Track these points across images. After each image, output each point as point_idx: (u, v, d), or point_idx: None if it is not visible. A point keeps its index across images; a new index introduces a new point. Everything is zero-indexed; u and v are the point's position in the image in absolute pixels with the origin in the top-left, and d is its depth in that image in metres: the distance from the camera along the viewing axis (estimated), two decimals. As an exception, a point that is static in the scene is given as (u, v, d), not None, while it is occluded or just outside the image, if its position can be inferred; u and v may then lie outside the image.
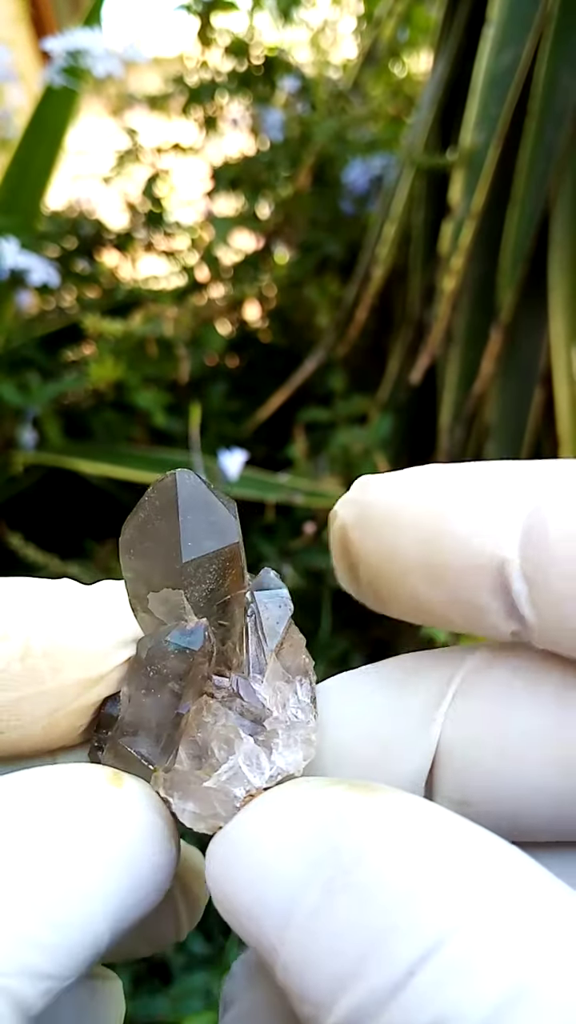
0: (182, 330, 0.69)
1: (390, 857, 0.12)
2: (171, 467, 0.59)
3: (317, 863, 0.12)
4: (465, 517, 0.14)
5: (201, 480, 0.15)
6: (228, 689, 0.15)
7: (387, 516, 0.15)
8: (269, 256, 0.85)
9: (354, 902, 0.11)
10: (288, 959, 0.12)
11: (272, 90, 0.82)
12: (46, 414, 0.68)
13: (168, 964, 0.59)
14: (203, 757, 0.15)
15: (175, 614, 0.15)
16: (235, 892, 0.13)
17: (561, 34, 0.58)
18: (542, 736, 0.15)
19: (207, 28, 0.78)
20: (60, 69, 0.67)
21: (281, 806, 0.13)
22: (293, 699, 0.16)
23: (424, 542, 0.15)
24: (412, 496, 0.15)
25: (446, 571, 0.15)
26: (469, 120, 0.61)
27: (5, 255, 0.64)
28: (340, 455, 0.68)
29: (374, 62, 0.89)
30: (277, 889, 0.12)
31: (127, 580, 0.16)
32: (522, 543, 0.14)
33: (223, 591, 0.15)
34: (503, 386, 0.65)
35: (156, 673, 0.15)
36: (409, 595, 0.15)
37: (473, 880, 0.11)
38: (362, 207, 0.83)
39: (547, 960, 0.10)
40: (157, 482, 0.15)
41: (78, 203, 0.84)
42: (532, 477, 0.15)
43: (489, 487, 0.15)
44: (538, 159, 0.60)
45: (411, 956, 0.11)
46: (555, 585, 0.14)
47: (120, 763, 0.15)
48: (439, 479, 0.15)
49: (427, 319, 0.70)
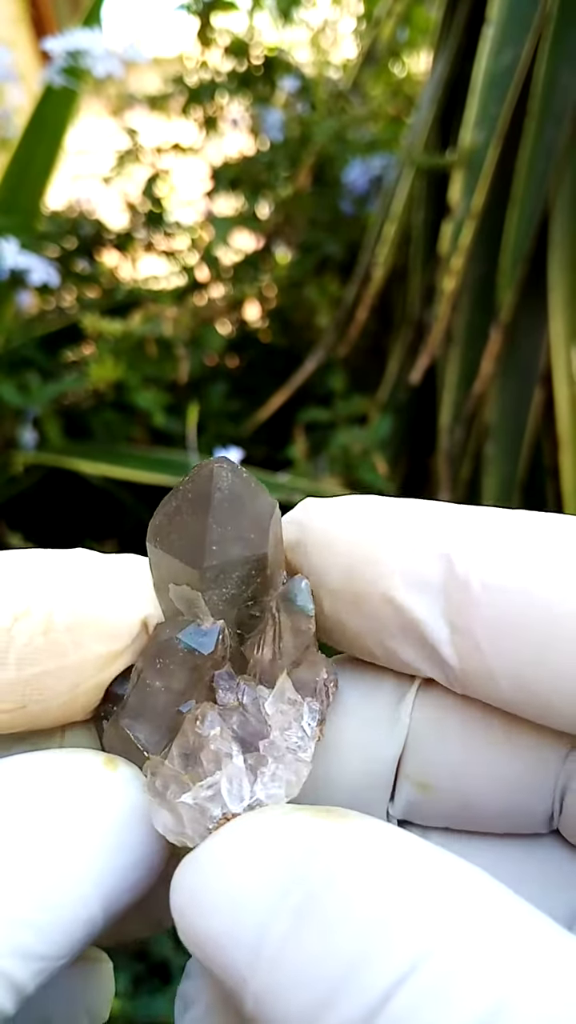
0: (182, 330, 0.69)
1: (359, 883, 0.12)
2: (171, 467, 0.59)
3: (285, 891, 0.12)
4: (391, 554, 0.15)
5: (241, 475, 0.15)
6: (234, 698, 0.15)
7: (322, 539, 0.16)
8: (269, 256, 0.85)
9: (324, 930, 0.11)
10: (258, 990, 0.12)
11: (272, 90, 0.82)
12: (46, 414, 0.68)
13: (168, 964, 0.59)
14: (192, 762, 0.15)
15: (192, 612, 0.15)
16: (202, 921, 0.13)
17: (560, 34, 0.58)
18: (502, 725, 0.15)
19: (207, 28, 0.78)
20: (60, 69, 0.67)
21: (248, 834, 0.13)
22: (296, 725, 0.15)
23: (350, 571, 0.15)
24: (346, 523, 0.15)
25: (368, 600, 0.15)
26: (469, 120, 0.61)
27: (5, 255, 0.64)
28: (340, 455, 0.68)
29: (374, 62, 0.89)
30: (246, 918, 0.12)
31: (152, 565, 0.15)
32: (447, 587, 0.14)
33: (245, 597, 0.15)
34: (503, 386, 0.65)
35: (164, 665, 0.14)
36: (336, 619, 0.16)
37: (444, 904, 0.11)
38: (362, 207, 0.83)
39: (522, 980, 0.10)
40: (196, 469, 0.15)
41: (78, 203, 0.84)
42: (458, 522, 0.15)
43: (418, 527, 0.15)
44: (538, 159, 0.60)
45: (385, 982, 0.11)
46: (480, 634, 0.14)
47: (119, 742, 0.15)
48: (375, 510, 0.15)
49: (427, 319, 0.70)
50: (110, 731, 0.15)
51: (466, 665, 0.14)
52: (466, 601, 0.14)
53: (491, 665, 0.14)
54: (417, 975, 0.10)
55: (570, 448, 0.61)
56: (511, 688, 0.14)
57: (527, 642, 0.14)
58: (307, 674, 0.15)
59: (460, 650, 0.14)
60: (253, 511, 0.15)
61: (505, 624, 0.14)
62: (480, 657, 0.14)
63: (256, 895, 0.12)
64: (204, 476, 0.15)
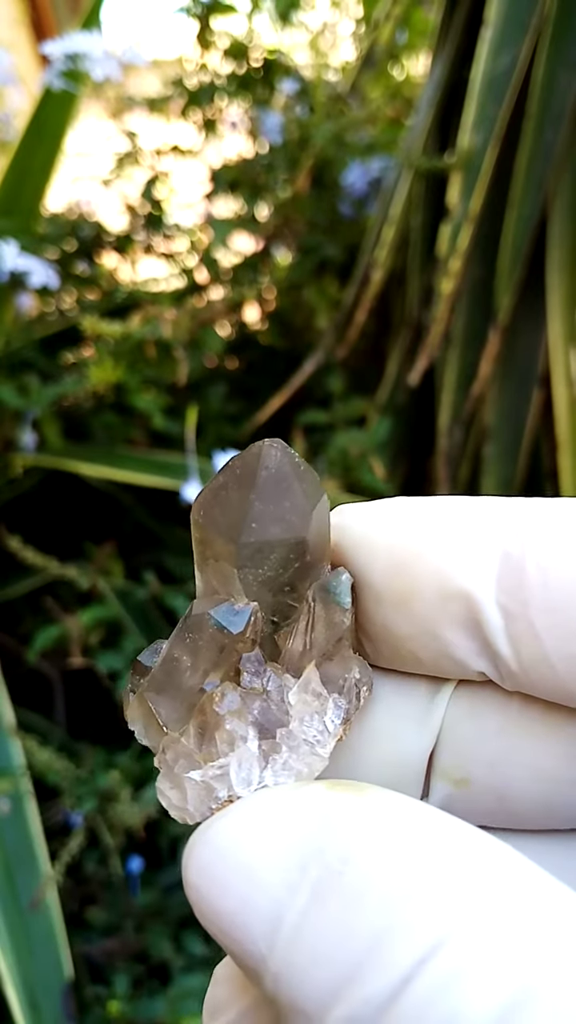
0: (181, 332, 0.69)
1: (380, 857, 0.11)
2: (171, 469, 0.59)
3: (303, 865, 0.12)
4: (438, 546, 0.14)
5: (293, 459, 0.15)
6: (259, 683, 0.15)
7: (361, 541, 0.15)
8: (268, 258, 0.85)
9: (345, 905, 0.11)
10: (277, 967, 0.11)
11: (271, 93, 0.82)
12: (46, 416, 0.68)
13: (168, 965, 0.59)
14: (207, 741, 0.14)
15: (227, 590, 0.15)
16: (218, 897, 0.12)
17: (558, 36, 0.58)
18: (542, 719, 0.15)
19: (206, 31, 0.78)
20: (59, 73, 0.67)
21: (262, 808, 0.13)
22: (318, 719, 0.15)
23: (396, 569, 0.15)
24: (387, 523, 0.15)
25: (416, 600, 0.15)
26: (467, 122, 0.62)
27: (5, 257, 0.64)
28: (339, 458, 0.68)
29: (372, 65, 0.89)
30: (263, 893, 0.12)
31: (193, 539, 0.15)
32: (500, 573, 0.14)
33: (282, 581, 0.15)
34: (502, 388, 0.66)
35: (193, 641, 0.14)
36: (380, 625, 0.15)
37: (469, 879, 0.11)
38: (361, 209, 0.83)
39: (552, 961, 0.10)
40: (246, 449, 0.15)
41: (78, 205, 0.84)
42: (507, 511, 0.15)
43: (464, 518, 0.15)
44: (536, 161, 0.60)
45: (409, 960, 0.10)
46: (536, 617, 0.14)
47: (143, 715, 0.15)
48: (414, 509, 0.15)
49: (425, 321, 0.70)
50: (135, 703, 0.15)
51: (521, 652, 0.14)
52: (521, 585, 0.14)
53: (547, 649, 0.14)
54: (441, 954, 0.10)
55: (569, 449, 0.62)
56: (570, 671, 0.14)
57: None
58: (337, 669, 0.15)
59: (515, 637, 0.14)
60: (298, 495, 0.14)
61: (562, 606, 0.13)
62: (536, 642, 0.14)
63: (272, 869, 0.12)
64: (253, 454, 0.14)
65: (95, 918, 0.62)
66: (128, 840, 0.60)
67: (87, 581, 0.62)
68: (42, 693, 0.71)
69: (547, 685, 0.14)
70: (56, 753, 0.56)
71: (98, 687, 0.63)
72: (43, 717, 0.68)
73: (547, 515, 0.14)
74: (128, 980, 0.57)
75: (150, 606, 0.64)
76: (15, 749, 0.56)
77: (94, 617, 0.61)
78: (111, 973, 0.58)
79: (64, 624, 0.61)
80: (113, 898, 0.63)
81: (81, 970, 0.58)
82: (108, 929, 0.62)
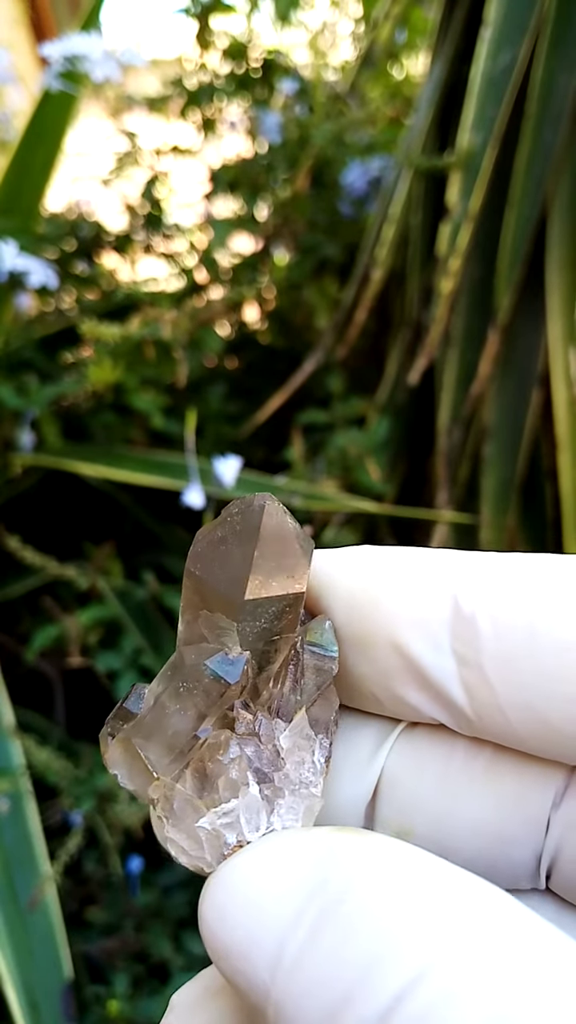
0: (181, 332, 0.69)
1: (377, 889, 0.12)
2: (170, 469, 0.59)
3: (309, 896, 0.12)
4: (394, 594, 0.15)
5: (287, 513, 0.15)
6: (251, 728, 0.15)
7: (326, 584, 0.16)
8: (268, 258, 0.85)
9: (341, 933, 0.12)
10: (279, 996, 0.12)
11: (270, 92, 0.82)
12: (45, 416, 0.68)
13: (168, 965, 0.59)
14: (206, 790, 0.15)
15: (219, 638, 0.15)
16: (228, 933, 0.13)
17: (558, 36, 0.58)
18: (485, 772, 0.15)
19: (205, 31, 0.78)
20: (58, 74, 0.67)
21: (273, 849, 0.14)
22: (309, 759, 0.16)
23: (354, 613, 0.16)
24: (349, 569, 0.16)
25: (371, 645, 0.15)
26: (466, 122, 0.62)
27: (4, 257, 0.64)
28: (338, 457, 0.68)
29: (372, 64, 0.89)
30: (269, 926, 0.12)
31: (185, 587, 0.16)
32: (453, 622, 0.15)
33: (274, 631, 0.15)
34: (501, 387, 0.66)
35: (187, 690, 0.14)
36: (342, 666, 0.16)
37: (456, 911, 0.12)
38: (360, 209, 0.83)
39: (535, 986, 0.11)
40: (243, 501, 0.15)
41: (77, 205, 0.84)
42: (461, 564, 0.15)
43: (420, 569, 0.15)
44: (535, 161, 0.60)
45: (399, 983, 0.11)
46: (488, 665, 0.14)
47: (127, 760, 0.15)
48: (377, 557, 0.16)
49: (425, 321, 0.70)
50: (117, 747, 0.15)
51: (475, 700, 0.14)
52: (473, 636, 0.14)
53: (500, 698, 0.14)
54: (430, 978, 0.11)
55: (568, 449, 0.62)
56: (521, 720, 0.14)
57: (536, 673, 0.14)
58: (322, 712, 0.16)
59: (468, 684, 0.14)
60: (294, 548, 0.15)
61: (513, 656, 0.14)
62: (489, 690, 0.14)
63: (279, 903, 0.13)
64: (254, 509, 0.15)
65: (95, 918, 0.62)
66: (127, 840, 0.60)
67: (86, 581, 0.62)
68: (41, 693, 0.71)
69: (500, 731, 0.15)
70: (55, 753, 0.56)
71: (97, 687, 0.63)
72: (42, 717, 0.68)
73: (499, 569, 0.15)
74: (128, 980, 0.57)
75: (149, 606, 0.64)
76: (14, 749, 0.56)
77: (93, 617, 0.61)
78: (111, 973, 0.58)
79: (63, 624, 0.61)
80: (113, 898, 0.63)
81: (81, 970, 0.58)
82: (108, 929, 0.62)
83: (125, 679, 0.59)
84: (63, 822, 0.61)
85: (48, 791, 0.58)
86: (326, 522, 0.69)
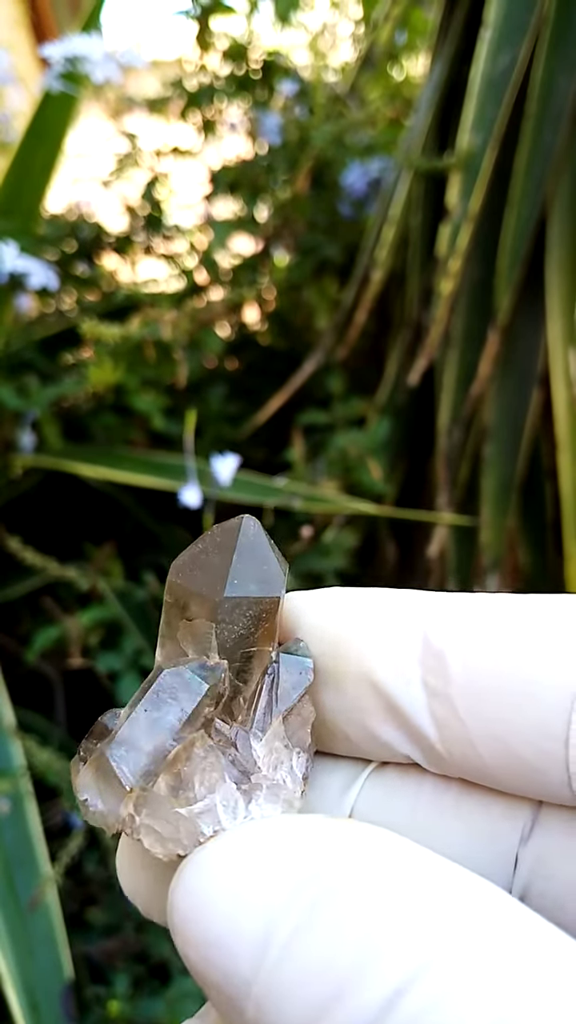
0: (181, 333, 0.69)
1: (373, 882, 0.11)
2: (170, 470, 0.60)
3: (298, 888, 0.12)
4: (363, 633, 0.15)
5: (264, 532, 0.16)
6: (226, 737, 0.15)
7: (300, 622, 0.16)
8: (268, 259, 0.85)
9: (334, 928, 0.11)
10: (261, 992, 0.11)
11: (270, 94, 0.82)
12: (45, 417, 0.68)
13: (168, 965, 0.59)
14: (181, 789, 0.15)
15: (200, 649, 0.15)
16: (205, 923, 0.12)
17: (557, 37, 0.58)
18: (451, 812, 0.15)
19: (205, 32, 0.78)
20: (59, 75, 0.67)
21: (259, 834, 0.13)
22: (286, 764, 0.16)
23: (326, 651, 0.16)
24: (322, 608, 0.16)
25: (344, 683, 0.16)
26: (466, 123, 0.62)
27: (5, 258, 0.64)
28: (338, 458, 0.68)
29: (372, 65, 0.89)
30: (253, 916, 0.12)
31: (166, 604, 0.16)
32: (423, 658, 0.15)
33: (251, 641, 0.15)
34: (501, 388, 0.66)
35: (163, 699, 0.15)
36: (318, 706, 0.16)
37: (455, 908, 0.11)
38: (360, 210, 0.83)
39: (528, 989, 0.10)
40: (223, 522, 0.16)
41: (77, 206, 0.84)
42: (429, 602, 0.15)
43: (389, 607, 0.16)
44: (535, 161, 0.60)
45: (397, 979, 0.10)
46: (458, 700, 0.14)
47: (100, 777, 0.15)
48: (349, 597, 0.16)
49: (425, 321, 0.70)
50: (90, 767, 0.15)
51: (444, 733, 0.15)
52: (442, 671, 0.15)
53: (470, 731, 0.14)
54: (429, 974, 0.10)
55: (568, 449, 0.62)
56: (491, 753, 0.14)
57: (505, 705, 0.14)
58: (299, 726, 0.16)
59: (438, 717, 0.15)
60: (273, 561, 0.16)
61: (481, 690, 0.14)
62: (459, 724, 0.14)
63: (266, 892, 0.12)
64: (232, 526, 0.16)
65: (95, 918, 0.62)
66: (128, 841, 0.59)
67: (87, 582, 0.62)
68: (42, 693, 0.71)
69: (471, 766, 0.15)
70: (56, 753, 0.56)
71: (98, 687, 0.63)
72: (43, 717, 0.68)
73: (467, 608, 0.15)
74: (128, 980, 0.57)
75: (150, 606, 0.64)
76: (15, 749, 0.56)
77: (94, 618, 0.61)
78: (111, 973, 0.58)
79: (64, 625, 0.61)
80: (113, 898, 0.63)
81: (81, 970, 0.58)
82: (108, 929, 0.62)
83: (126, 680, 0.59)
84: (64, 823, 0.61)
85: (49, 792, 0.58)
86: (326, 523, 0.69)
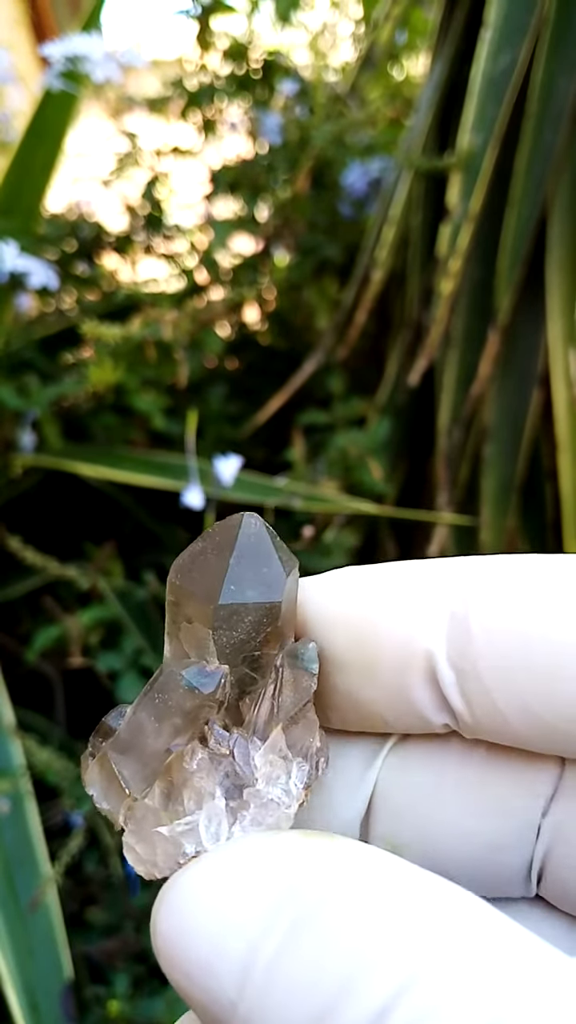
0: (181, 333, 0.69)
1: (356, 898, 0.11)
2: (170, 470, 0.60)
3: (279, 907, 0.12)
4: (392, 613, 0.15)
5: (268, 530, 0.15)
6: (224, 745, 0.15)
7: (321, 614, 0.16)
8: (268, 259, 0.85)
9: (318, 946, 0.11)
10: (248, 1012, 0.11)
11: (271, 93, 0.82)
12: (45, 417, 0.68)
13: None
14: (172, 801, 0.15)
15: (200, 653, 0.15)
16: (188, 944, 0.12)
17: (557, 37, 0.58)
18: (474, 783, 0.15)
19: (206, 31, 0.78)
20: (59, 74, 0.67)
21: (238, 854, 0.13)
22: (284, 778, 0.15)
23: (356, 640, 0.15)
24: (342, 595, 0.16)
25: (379, 667, 0.15)
26: (467, 123, 0.62)
27: (5, 258, 0.64)
28: (338, 458, 0.68)
29: (372, 65, 0.89)
30: (236, 935, 0.12)
31: (168, 602, 0.16)
32: (448, 633, 0.15)
33: (253, 646, 0.15)
34: (501, 388, 0.66)
35: (162, 703, 0.14)
36: (344, 692, 0.16)
37: (437, 923, 0.11)
38: (361, 210, 0.83)
39: (516, 1001, 0.10)
40: (225, 519, 0.16)
41: (77, 206, 0.84)
42: (453, 573, 0.15)
43: (413, 582, 0.15)
44: (535, 161, 0.60)
45: (385, 993, 0.10)
46: (484, 673, 0.14)
47: (104, 778, 0.15)
48: (366, 578, 0.16)
49: (425, 321, 0.70)
50: (96, 766, 0.15)
51: (474, 707, 0.15)
52: (468, 645, 0.14)
53: (500, 704, 0.14)
54: (417, 988, 0.10)
55: (568, 450, 0.62)
56: (523, 724, 0.14)
57: (533, 677, 0.14)
58: (302, 735, 0.16)
59: (467, 693, 0.15)
60: (275, 562, 0.15)
61: (509, 663, 0.14)
62: (488, 699, 0.14)
63: (248, 911, 0.12)
64: (232, 524, 0.15)
65: (95, 918, 0.62)
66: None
67: (87, 581, 0.62)
68: (42, 693, 0.71)
69: (500, 732, 0.15)
70: (56, 753, 0.56)
71: (98, 687, 0.63)
72: (43, 717, 0.68)
73: (487, 573, 0.15)
74: (128, 980, 0.57)
75: (150, 606, 0.64)
76: (15, 749, 0.56)
77: (94, 617, 0.61)
78: (111, 973, 0.58)
79: (64, 624, 0.61)
80: (113, 898, 0.63)
81: (81, 970, 0.58)
82: (108, 929, 0.62)
83: (126, 679, 0.59)
84: (64, 823, 0.61)
85: (49, 792, 0.58)
86: (327, 523, 0.69)
